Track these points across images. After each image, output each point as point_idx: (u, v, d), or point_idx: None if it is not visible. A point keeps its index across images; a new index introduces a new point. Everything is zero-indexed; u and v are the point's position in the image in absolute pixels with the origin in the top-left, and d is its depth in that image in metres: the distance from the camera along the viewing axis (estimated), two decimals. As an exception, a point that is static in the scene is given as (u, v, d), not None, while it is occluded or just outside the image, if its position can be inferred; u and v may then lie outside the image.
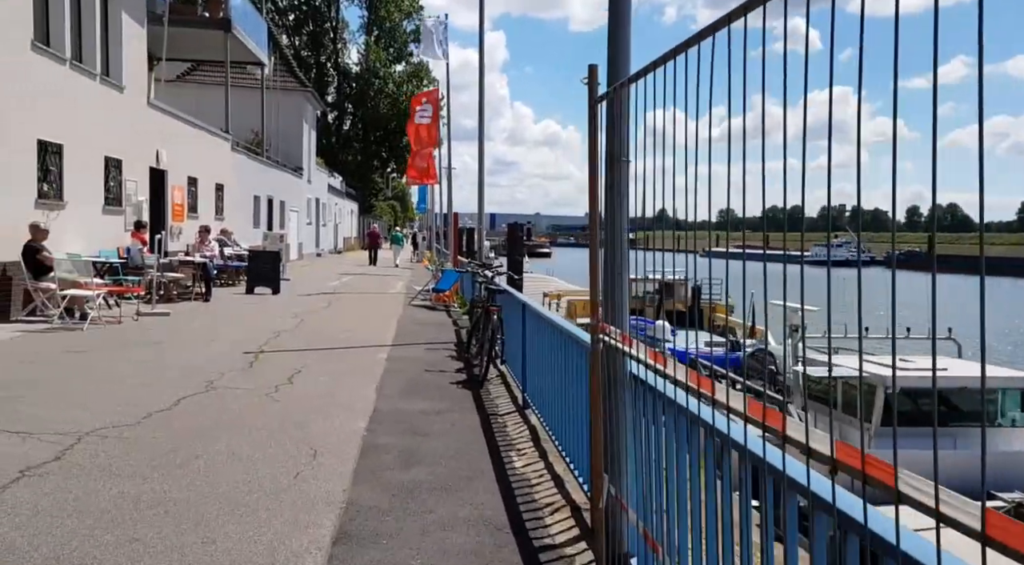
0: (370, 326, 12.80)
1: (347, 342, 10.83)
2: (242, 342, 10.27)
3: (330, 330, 11.92)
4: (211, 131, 21.44)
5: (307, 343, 10.53)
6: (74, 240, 12.98)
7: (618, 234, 3.46)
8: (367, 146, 65.71)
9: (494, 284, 9.07)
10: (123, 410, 6.32)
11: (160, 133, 17.35)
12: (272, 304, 15.55)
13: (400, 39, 65.85)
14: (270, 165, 29.77)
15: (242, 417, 6.30)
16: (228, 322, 12.38)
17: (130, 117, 15.67)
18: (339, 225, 51.27)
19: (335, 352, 9.96)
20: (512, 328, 8.44)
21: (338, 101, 65.11)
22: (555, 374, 5.75)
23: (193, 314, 13.22)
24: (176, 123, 18.56)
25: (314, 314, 14.11)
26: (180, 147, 18.71)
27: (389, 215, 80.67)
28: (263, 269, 17.37)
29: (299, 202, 35.56)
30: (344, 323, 12.95)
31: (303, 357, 9.40)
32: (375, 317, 14.16)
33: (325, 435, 5.89)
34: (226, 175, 22.85)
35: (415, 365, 9.31)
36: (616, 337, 3.34)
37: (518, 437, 6.33)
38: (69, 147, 12.89)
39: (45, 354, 8.88)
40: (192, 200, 19.81)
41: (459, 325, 13.60)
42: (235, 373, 8.14)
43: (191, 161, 19.62)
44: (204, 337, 10.59)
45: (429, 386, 8.10)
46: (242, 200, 25.09)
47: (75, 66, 13.21)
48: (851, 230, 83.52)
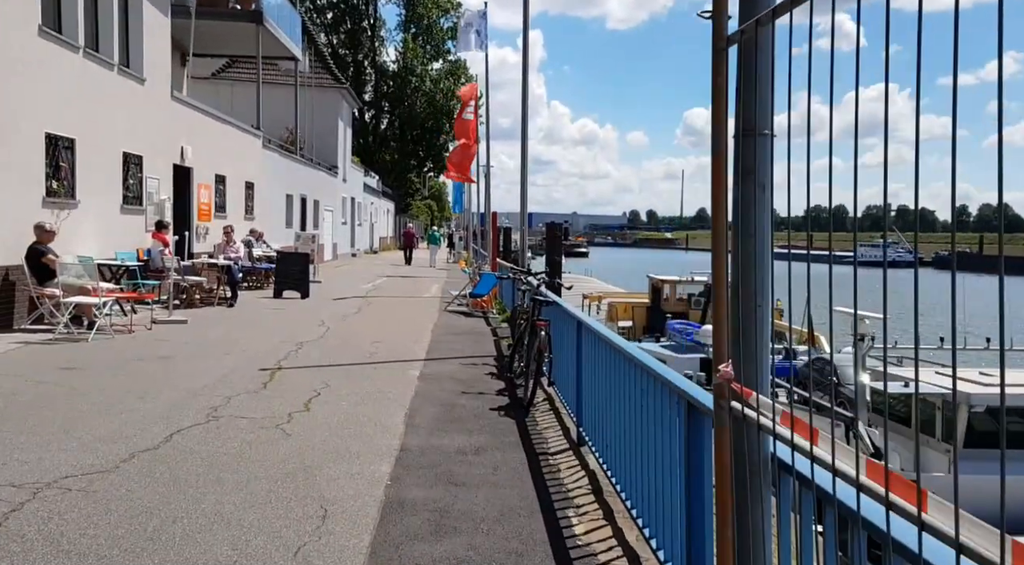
0: (402, 335, 11.74)
1: (376, 356, 9.76)
2: (259, 356, 9.26)
3: (358, 341, 10.87)
4: (240, 127, 20.62)
5: (331, 357, 9.48)
6: (87, 241, 12.13)
7: (758, 245, 2.28)
8: (404, 145, 65.04)
9: (541, 295, 7.92)
10: (102, 449, 5.29)
11: (185, 128, 16.51)
12: (299, 310, 14.59)
13: (437, 36, 65.08)
14: (304, 163, 28.98)
15: (242, 459, 5.23)
16: (248, 331, 11.40)
17: (152, 111, 14.82)
18: (375, 225, 50.57)
19: (362, 368, 8.89)
20: (563, 345, 7.29)
21: (375, 100, 64.53)
22: (625, 414, 4.59)
23: (213, 322, 12.27)
24: (203, 118, 17.73)
25: (342, 321, 13.09)
26: (207, 143, 17.87)
27: (425, 215, 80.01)
28: (291, 272, 16.43)
29: (334, 201, 34.78)
30: (374, 332, 11.90)
31: (325, 374, 8.34)
32: (408, 325, 13.10)
33: (340, 486, 4.79)
34: (257, 173, 22.02)
35: (450, 385, 8.20)
36: (760, 408, 2.16)
37: (575, 486, 5.17)
38: (82, 142, 12.03)
39: (34, 371, 7.93)
40: (220, 199, 18.98)
41: (498, 335, 12.48)
42: (244, 396, 7.10)
43: (219, 158, 18.79)
44: (219, 350, 9.60)
45: (466, 413, 6.98)
46: (274, 199, 24.28)
47: (90, 55, 12.35)
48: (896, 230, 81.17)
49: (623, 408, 4.63)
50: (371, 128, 65.06)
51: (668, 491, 3.57)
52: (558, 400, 7.60)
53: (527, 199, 11.21)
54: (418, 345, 10.84)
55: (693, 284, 31.02)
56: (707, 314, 29.40)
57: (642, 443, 4.12)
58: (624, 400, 4.61)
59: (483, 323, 14.20)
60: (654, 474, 3.85)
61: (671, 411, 3.52)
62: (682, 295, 30.81)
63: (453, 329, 12.91)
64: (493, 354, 10.53)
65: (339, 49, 61.84)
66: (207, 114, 18.06)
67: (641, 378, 4.19)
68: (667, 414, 3.59)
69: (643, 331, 29.28)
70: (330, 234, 33.84)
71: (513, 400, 7.64)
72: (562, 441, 6.32)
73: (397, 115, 64.58)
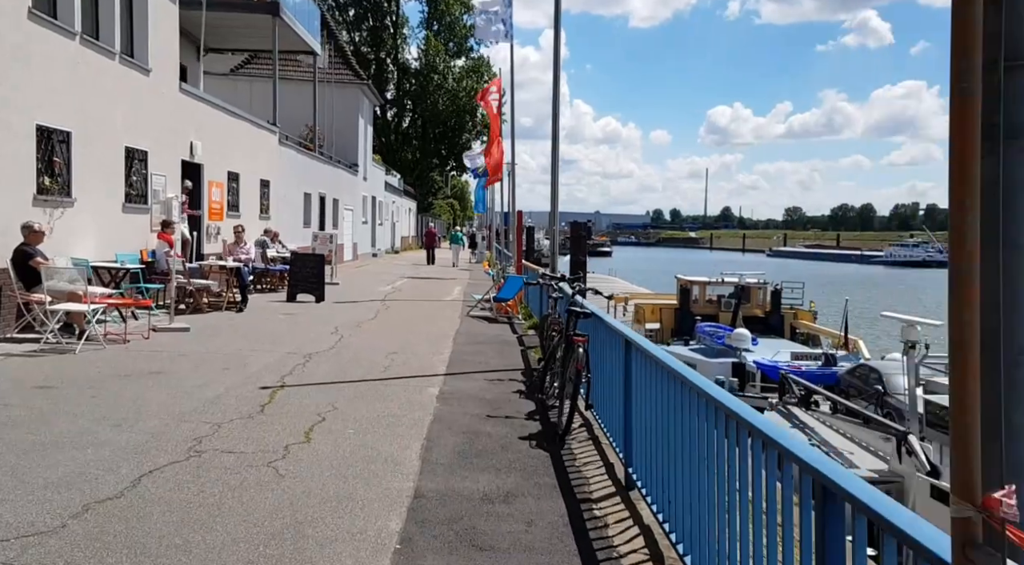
0: (421, 345, 10.77)
1: (391, 370, 8.80)
2: (262, 371, 8.33)
3: (372, 352, 9.91)
4: (256, 122, 19.78)
5: (342, 372, 8.52)
6: (85, 242, 11.30)
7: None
8: (426, 143, 64.23)
9: (578, 305, 6.91)
10: (52, 499, 4.36)
11: (195, 123, 15.67)
12: (312, 315, 13.68)
13: (460, 34, 64.23)
14: (323, 161, 28.16)
15: (220, 512, 4.27)
16: (253, 340, 10.48)
17: (158, 104, 13.98)
18: (396, 224, 49.78)
19: (375, 386, 7.93)
20: (604, 363, 6.29)
21: (397, 98, 63.81)
22: (698, 468, 3.57)
23: (217, 329, 11.38)
24: (214, 112, 16.89)
25: (358, 329, 12.15)
26: (219, 139, 17.04)
27: (448, 214, 79.22)
28: (306, 274, 15.54)
29: (354, 200, 33.96)
30: (391, 341, 10.95)
31: (332, 394, 7.39)
32: (427, 332, 12.14)
33: (336, 554, 3.81)
34: (272, 170, 21.19)
35: (474, 407, 7.21)
36: None
37: (628, 550, 4.15)
38: (79, 135, 11.19)
39: (2, 391, 7.03)
40: (233, 197, 18.15)
41: (525, 344, 11.48)
42: (237, 423, 6.15)
43: (232, 155, 17.96)
44: (218, 363, 8.68)
45: (493, 444, 5.98)
46: (291, 198, 23.45)
47: (88, 42, 11.50)
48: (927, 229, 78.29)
49: (695, 460, 3.61)
50: (393, 126, 64.34)
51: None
52: (597, 426, 6.60)
53: (558, 196, 10.19)
54: (438, 357, 9.87)
55: (723, 285, 29.90)
56: (738, 316, 28.20)
57: (731, 518, 3.10)
58: (697, 449, 3.59)
59: (508, 330, 13.21)
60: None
61: (782, 483, 2.48)
62: (711, 296, 29.76)
63: (476, 337, 11.93)
64: (520, 368, 9.53)
65: (361, 47, 61.19)
66: (219, 108, 17.23)
67: (729, 427, 3.16)
68: (778, 489, 2.55)
69: (671, 334, 28.24)
70: (350, 234, 33.02)
71: (546, 426, 6.64)
72: (606, 481, 5.31)
73: (419, 113, 63.81)
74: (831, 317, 32.97)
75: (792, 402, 16.71)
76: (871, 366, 19.29)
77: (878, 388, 17.82)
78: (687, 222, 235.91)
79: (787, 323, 29.00)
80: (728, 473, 3.12)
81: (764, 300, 29.21)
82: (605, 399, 6.28)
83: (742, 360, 22.30)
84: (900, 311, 39.88)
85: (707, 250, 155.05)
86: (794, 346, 24.87)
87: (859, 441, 14.00)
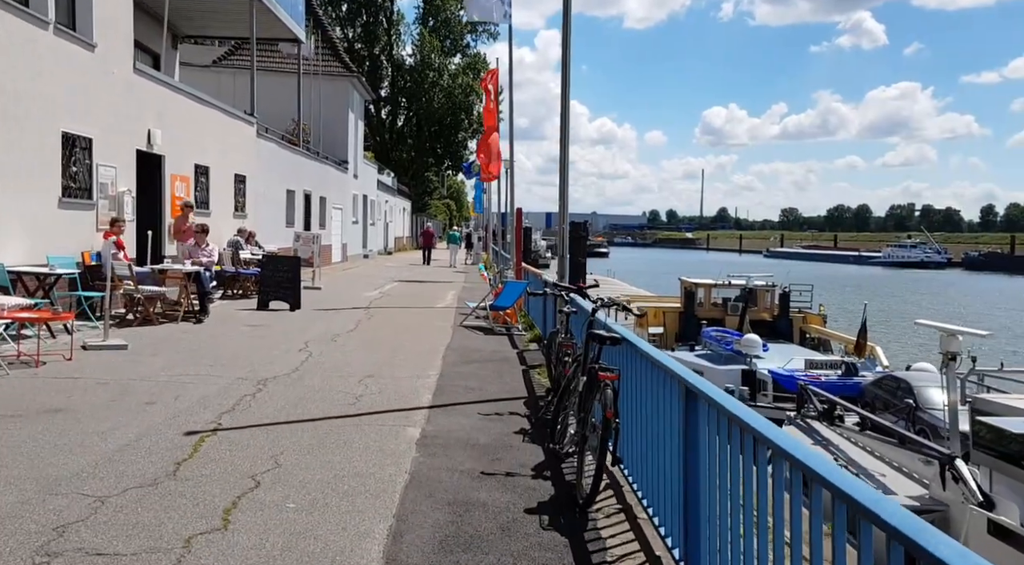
0: (404, 365, 9.03)
1: (362, 402, 7.05)
2: (196, 405, 6.58)
3: (344, 375, 8.17)
4: (228, 111, 18.02)
5: (299, 406, 6.77)
6: (6, 243, 9.54)
7: None
8: (421, 142, 62.53)
9: (605, 329, 5.19)
10: None
11: (154, 109, 13.91)
12: (282, 326, 11.93)
13: (456, 30, 62.59)
14: (308, 156, 26.39)
15: None
16: (201, 361, 8.73)
17: (106, 85, 12.24)
18: (390, 224, 48.00)
19: (338, 426, 6.19)
20: (641, 406, 4.59)
21: (392, 95, 62.11)
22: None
23: (162, 346, 9.62)
24: (179, 98, 15.13)
25: (332, 343, 10.41)
26: (185, 128, 15.29)
27: (444, 214, 77.51)
28: (279, 279, 13.79)
29: (343, 199, 32.19)
30: (369, 359, 9.21)
31: (280, 440, 5.65)
32: (413, 347, 10.40)
33: None
34: (250, 165, 19.42)
35: (464, 457, 5.48)
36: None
37: None
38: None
39: None
40: (202, 193, 16.38)
41: (528, 362, 9.76)
42: (131, 496, 4.40)
43: (201, 146, 16.20)
44: (142, 395, 6.92)
45: (489, 525, 4.25)
46: (271, 195, 21.69)
47: (9, 5, 9.74)
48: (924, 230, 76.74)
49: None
50: (388, 125, 62.62)
51: None
52: (628, 487, 4.89)
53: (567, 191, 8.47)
54: (423, 382, 8.13)
55: (729, 288, 28.42)
56: (745, 320, 26.67)
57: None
58: None
59: (507, 343, 11.49)
60: None
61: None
62: (716, 299, 28.27)
63: (470, 354, 10.19)
64: (523, 395, 7.79)
65: (355, 43, 59.48)
66: (184, 94, 15.46)
67: None
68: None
69: (675, 338, 26.79)
70: (339, 234, 31.27)
71: (560, 489, 4.92)
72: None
73: (414, 111, 62.10)
74: (839, 320, 31.44)
75: (812, 416, 15.13)
76: (899, 377, 17.64)
77: (908, 402, 16.19)
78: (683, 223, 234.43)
79: (796, 327, 27.61)
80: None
81: (772, 303, 27.85)
82: (644, 456, 4.57)
83: (752, 367, 20.88)
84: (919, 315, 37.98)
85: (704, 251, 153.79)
86: (807, 352, 23.29)
87: (892, 462, 12.46)
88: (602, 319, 5.63)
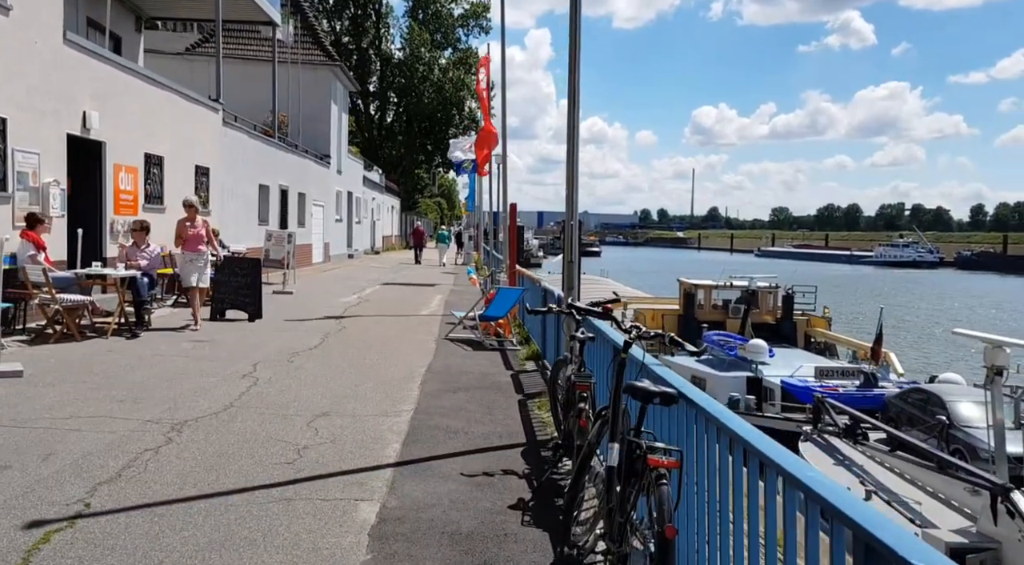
0: (371, 397, 7.21)
1: (305, 459, 5.22)
2: (68, 470, 4.74)
3: (287, 418, 6.33)
4: (189, 96, 16.12)
5: (212, 471, 4.92)
6: None
7: None
8: (411, 139, 60.63)
9: (652, 381, 3.41)
10: None
11: (91, 88, 12.04)
12: (233, 342, 10.08)
13: (447, 23, 60.69)
14: (285, 149, 24.48)
15: None
16: (109, 394, 6.87)
17: (25, 57, 10.36)
18: (377, 222, 46.07)
19: (258, 505, 4.35)
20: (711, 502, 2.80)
21: (380, 91, 60.15)
22: None
23: (68, 372, 7.75)
24: (123, 77, 13.23)
25: (286, 366, 8.57)
26: (131, 112, 13.42)
27: (434, 212, 75.57)
28: (236, 285, 11.93)
29: (326, 195, 30.28)
30: (327, 391, 7.38)
31: (159, 541, 3.81)
32: (387, 371, 8.58)
33: None
34: (214, 156, 17.53)
35: (441, 560, 3.68)
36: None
37: None
38: None
39: None
40: (154, 186, 14.49)
41: (524, 389, 7.96)
42: None
43: (153, 133, 14.32)
44: (4, 450, 5.08)
45: None
46: (240, 190, 19.79)
47: None
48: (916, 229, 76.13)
49: None
50: (376, 121, 60.71)
51: None
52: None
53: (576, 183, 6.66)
54: (392, 422, 6.31)
55: (730, 289, 26.81)
56: (747, 323, 25.05)
57: None
58: None
59: (499, 361, 9.68)
60: None
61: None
62: (716, 301, 26.68)
63: (455, 378, 8.38)
64: (521, 442, 5.98)
65: (342, 36, 57.55)
66: (129, 72, 13.56)
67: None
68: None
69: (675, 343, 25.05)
70: (320, 233, 29.38)
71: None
72: None
73: (404, 107, 60.19)
74: (838, 323, 29.88)
75: (832, 431, 13.45)
76: (928, 390, 15.98)
77: (941, 418, 14.52)
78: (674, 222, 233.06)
79: (800, 331, 26.06)
80: None
81: (775, 305, 26.30)
82: None
83: (758, 374, 19.26)
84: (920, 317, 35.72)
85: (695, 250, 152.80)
86: (815, 358, 21.67)
87: (929, 488, 10.85)
88: (638, 356, 3.82)
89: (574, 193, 6.86)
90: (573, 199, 6.87)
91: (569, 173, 6.83)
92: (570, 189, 6.87)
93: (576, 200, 6.94)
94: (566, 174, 6.88)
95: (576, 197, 6.92)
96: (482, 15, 60.28)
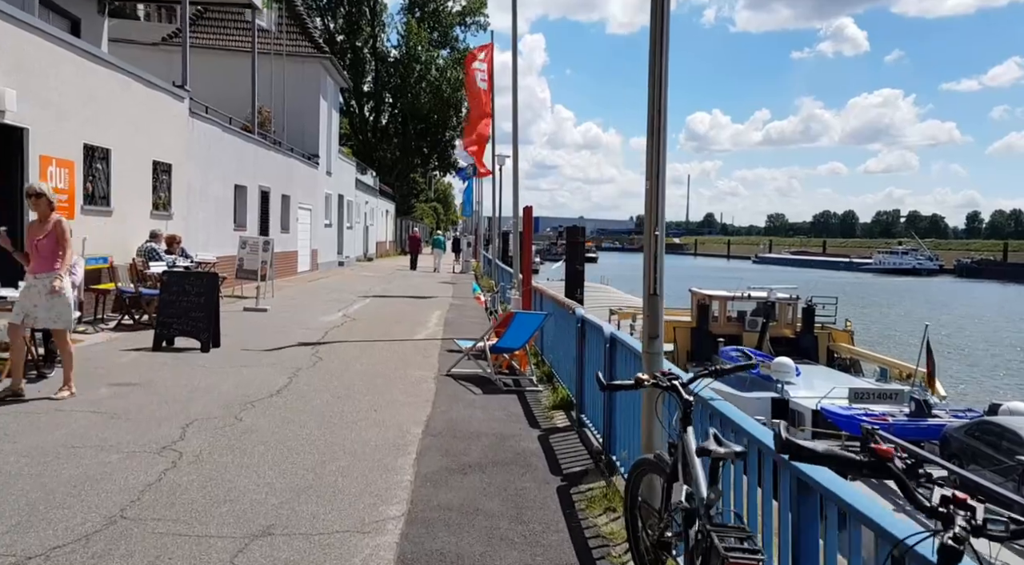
0: (338, 491, 4.85)
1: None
2: None
3: (199, 542, 3.97)
4: (146, 80, 13.74)
5: None
6: None
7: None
8: (406, 141, 58.41)
9: None
10: None
11: (6, 60, 9.69)
12: (169, 386, 7.70)
13: (445, 21, 58.53)
14: (266, 146, 22.11)
15: None
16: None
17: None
18: (370, 227, 43.68)
19: None
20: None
21: (375, 91, 57.93)
22: None
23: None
24: (55, 50, 10.86)
25: (229, 430, 6.19)
26: (67, 94, 11.08)
27: (431, 217, 73.23)
28: (186, 306, 9.54)
29: (313, 198, 27.91)
30: (277, 480, 5.02)
31: None
32: (369, 433, 6.22)
33: None
34: (178, 151, 15.16)
35: None
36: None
37: None
38: None
39: None
40: (97, 184, 12.10)
41: (562, 467, 5.62)
42: None
43: (96, 120, 11.96)
44: None
45: None
46: (211, 191, 17.42)
47: None
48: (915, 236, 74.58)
49: None
50: (371, 123, 58.44)
51: None
52: None
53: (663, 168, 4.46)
54: (367, 549, 3.95)
55: (746, 301, 24.73)
56: (765, 337, 22.94)
57: None
58: None
59: (518, 410, 7.34)
60: None
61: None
62: (731, 313, 24.61)
63: (462, 447, 6.02)
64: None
65: (336, 35, 55.31)
66: (66, 46, 11.19)
67: None
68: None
69: (688, 357, 23.04)
70: (307, 238, 27.00)
71: None
72: None
73: (399, 108, 57.94)
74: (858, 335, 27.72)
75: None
76: (1000, 424, 13.77)
77: (1021, 459, 12.36)
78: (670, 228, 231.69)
79: (822, 345, 24.00)
80: None
81: (794, 318, 24.27)
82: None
83: (784, 395, 17.10)
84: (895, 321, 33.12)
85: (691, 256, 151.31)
86: (845, 378, 19.49)
87: None
88: None
89: (658, 203, 4.54)
90: (657, 209, 4.54)
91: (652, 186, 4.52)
92: (652, 199, 4.52)
93: (663, 214, 4.62)
94: (647, 189, 4.56)
95: (663, 212, 4.61)
96: (479, 11, 58.19)
